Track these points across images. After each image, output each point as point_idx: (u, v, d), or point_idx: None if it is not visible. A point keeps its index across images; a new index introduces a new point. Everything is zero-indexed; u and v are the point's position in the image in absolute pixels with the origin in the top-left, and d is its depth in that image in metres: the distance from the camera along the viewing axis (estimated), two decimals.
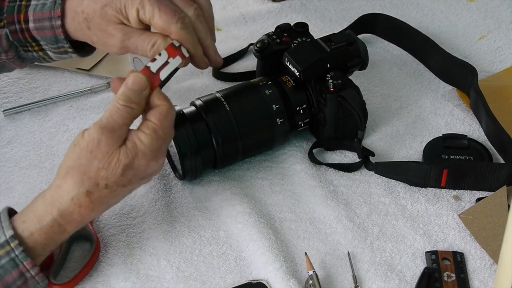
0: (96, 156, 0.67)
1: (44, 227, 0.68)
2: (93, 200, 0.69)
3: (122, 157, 0.68)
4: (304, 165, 0.86)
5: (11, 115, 0.96)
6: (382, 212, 0.81)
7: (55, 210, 0.68)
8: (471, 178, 0.82)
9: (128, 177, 0.69)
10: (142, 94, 0.69)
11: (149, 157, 0.69)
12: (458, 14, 1.11)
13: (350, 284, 0.73)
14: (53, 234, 0.69)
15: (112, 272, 0.76)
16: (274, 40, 0.90)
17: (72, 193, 0.68)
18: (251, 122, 0.83)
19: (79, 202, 0.68)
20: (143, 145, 0.68)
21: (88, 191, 0.68)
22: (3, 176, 0.87)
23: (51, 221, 0.68)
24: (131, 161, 0.68)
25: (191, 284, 0.74)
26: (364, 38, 1.05)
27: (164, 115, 0.69)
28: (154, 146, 0.69)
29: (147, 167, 0.70)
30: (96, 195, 0.68)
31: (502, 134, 0.85)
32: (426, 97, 0.96)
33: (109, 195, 0.69)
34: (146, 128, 0.69)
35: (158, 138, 0.69)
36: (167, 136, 0.71)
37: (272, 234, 0.78)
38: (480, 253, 0.76)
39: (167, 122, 0.70)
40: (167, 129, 0.70)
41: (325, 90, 0.84)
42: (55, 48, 0.82)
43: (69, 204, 0.68)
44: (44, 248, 0.69)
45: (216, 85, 1.00)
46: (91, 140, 0.67)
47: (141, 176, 0.70)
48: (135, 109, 0.69)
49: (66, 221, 0.69)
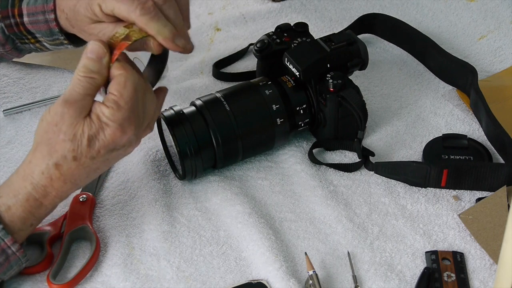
0: (61, 128, 0.68)
1: (20, 201, 0.69)
2: (63, 173, 0.69)
3: (86, 128, 0.68)
4: (304, 165, 0.86)
5: (11, 115, 0.96)
6: (382, 212, 0.81)
7: (28, 184, 0.69)
8: (471, 178, 0.82)
9: (95, 148, 0.68)
10: (101, 62, 0.69)
11: (113, 128, 0.68)
12: (458, 14, 1.11)
13: (350, 284, 0.73)
14: (30, 208, 0.70)
15: (112, 272, 0.76)
16: (274, 40, 0.90)
17: (41, 166, 0.69)
18: (251, 122, 0.83)
19: (49, 176, 0.69)
20: (105, 117, 0.68)
21: (57, 163, 0.68)
22: (3, 176, 0.87)
23: (26, 195, 0.69)
24: (95, 133, 0.68)
25: (191, 284, 0.74)
26: (364, 38, 1.05)
27: (123, 85, 0.68)
28: (116, 117, 0.68)
29: (114, 138, 0.69)
30: (65, 168, 0.69)
31: (502, 134, 0.85)
32: (426, 97, 0.96)
33: (79, 167, 0.69)
34: (107, 101, 0.68)
35: (119, 109, 0.68)
36: (132, 106, 0.69)
37: (272, 234, 0.78)
38: (480, 253, 0.76)
39: (127, 92, 0.68)
40: (129, 99, 0.68)
41: (325, 90, 0.84)
42: (51, 41, 0.82)
43: (41, 177, 0.69)
44: (23, 222, 0.70)
45: (216, 85, 1.00)
46: (55, 113, 0.68)
47: (110, 147, 0.69)
48: (96, 78, 0.68)
49: (41, 195, 0.70)
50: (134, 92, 0.69)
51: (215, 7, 1.16)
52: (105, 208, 0.83)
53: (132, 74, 0.69)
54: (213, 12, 1.15)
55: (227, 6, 1.16)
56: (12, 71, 1.03)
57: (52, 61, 1.03)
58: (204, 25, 1.12)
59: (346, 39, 0.87)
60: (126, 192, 0.85)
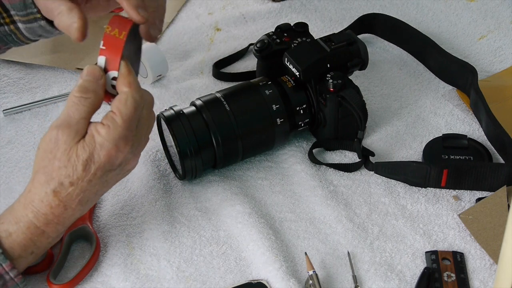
0: (55, 155, 0.67)
1: (21, 228, 0.68)
2: (62, 199, 0.68)
3: (80, 152, 0.67)
4: (304, 165, 0.86)
5: (11, 115, 0.96)
6: (382, 212, 0.81)
7: (29, 212, 0.68)
8: (471, 178, 0.82)
9: (91, 171, 0.67)
10: (97, 83, 0.68)
11: (108, 148, 0.67)
12: (458, 14, 1.11)
13: (350, 284, 0.73)
14: (31, 235, 0.69)
15: (112, 272, 0.76)
16: (274, 40, 0.90)
17: (40, 195, 0.68)
18: (251, 122, 0.83)
19: (49, 203, 0.68)
20: (101, 137, 0.67)
21: (54, 191, 0.67)
22: (3, 176, 0.87)
23: (27, 223, 0.68)
24: (90, 155, 0.67)
25: (191, 284, 0.74)
26: (364, 38, 1.05)
27: (123, 102, 0.67)
28: (112, 136, 0.67)
29: (109, 158, 0.67)
30: (63, 194, 0.68)
31: (502, 134, 0.85)
32: (426, 97, 0.96)
33: (78, 192, 0.68)
34: (105, 119, 0.67)
35: (116, 127, 0.67)
36: (129, 123, 0.67)
37: (272, 234, 0.78)
38: (480, 253, 0.76)
39: (126, 110, 0.67)
40: (127, 117, 0.67)
41: (325, 90, 0.84)
42: (24, 16, 0.79)
43: (41, 205, 0.68)
44: (24, 250, 0.69)
45: (216, 85, 1.00)
46: (49, 140, 0.67)
47: (107, 168, 0.68)
48: (91, 98, 0.67)
49: (42, 223, 0.69)
50: (134, 110, 0.68)
51: (215, 7, 1.16)
52: (105, 208, 0.83)
53: (136, 90, 0.68)
54: (213, 12, 1.15)
55: (227, 6, 1.16)
56: (12, 71, 1.03)
57: (52, 61, 1.03)
58: (204, 25, 1.12)
59: (346, 39, 0.87)
60: (126, 192, 0.85)
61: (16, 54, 1.03)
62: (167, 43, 1.10)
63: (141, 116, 0.70)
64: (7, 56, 1.03)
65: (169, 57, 1.04)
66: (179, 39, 1.10)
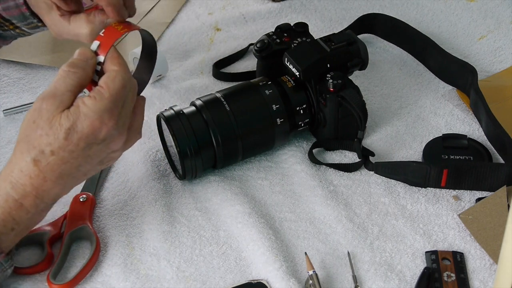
0: (38, 124, 0.66)
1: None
2: (42, 169, 0.67)
3: (63, 120, 0.66)
4: (304, 165, 0.86)
5: (11, 115, 0.96)
6: (382, 212, 0.81)
7: (7, 184, 0.67)
8: (471, 178, 0.82)
9: (73, 141, 0.66)
10: (87, 61, 0.69)
11: (92, 118, 0.66)
12: (458, 14, 1.11)
13: (350, 284, 0.73)
14: (10, 209, 0.68)
15: (112, 272, 0.76)
16: (274, 40, 0.90)
17: (20, 164, 0.67)
18: (251, 122, 0.83)
19: (28, 173, 0.67)
20: (86, 107, 0.66)
21: (35, 159, 0.66)
22: None
23: (5, 195, 0.67)
24: (73, 124, 0.66)
25: (191, 284, 0.74)
26: (364, 38, 1.05)
27: (111, 78, 0.68)
28: (97, 107, 0.66)
29: (93, 129, 0.67)
30: (43, 163, 0.67)
31: (502, 134, 0.85)
32: (426, 97, 0.96)
33: (58, 162, 0.67)
34: (92, 92, 0.68)
35: (102, 99, 0.67)
36: (115, 98, 0.67)
37: (272, 234, 0.78)
38: (480, 253, 0.76)
39: (114, 85, 0.68)
40: (114, 92, 0.67)
41: (325, 90, 0.84)
42: (27, 25, 0.82)
43: (20, 175, 0.67)
44: (3, 225, 0.68)
45: (216, 85, 1.00)
46: (34, 110, 0.67)
47: (90, 140, 0.67)
48: (79, 73, 0.68)
49: (20, 194, 0.67)
50: (122, 87, 0.68)
51: (215, 7, 1.16)
52: (105, 208, 0.83)
53: (125, 71, 0.69)
54: (213, 12, 1.15)
55: (227, 6, 1.16)
56: (12, 71, 1.03)
57: (52, 61, 1.03)
58: (204, 25, 1.12)
59: (346, 39, 0.87)
60: (126, 192, 0.85)
61: (16, 54, 1.03)
62: (167, 43, 1.10)
63: (127, 97, 0.70)
64: (7, 56, 1.03)
65: (169, 57, 1.04)
66: (179, 39, 1.10)
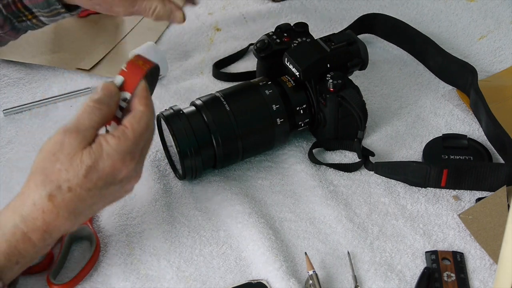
0: (58, 158, 0.65)
1: (6, 234, 0.65)
2: (56, 205, 0.65)
3: (85, 157, 0.65)
4: (304, 165, 0.86)
5: (11, 115, 0.96)
6: (382, 212, 0.81)
7: (17, 216, 0.65)
8: (471, 178, 0.82)
9: (93, 180, 0.65)
10: (112, 97, 0.68)
11: (114, 158, 0.66)
12: (458, 14, 1.11)
13: (350, 284, 0.73)
14: (16, 242, 0.65)
15: (112, 272, 0.76)
16: (274, 40, 0.90)
17: (34, 197, 0.65)
18: (251, 122, 0.83)
19: (41, 207, 0.65)
20: (109, 146, 0.65)
21: (51, 194, 0.64)
22: (3, 176, 0.87)
23: (13, 227, 0.65)
24: (95, 162, 0.65)
25: (191, 284, 0.74)
26: (364, 38, 1.05)
27: (137, 119, 0.67)
28: (120, 147, 0.66)
29: (113, 170, 0.66)
30: (59, 199, 0.65)
31: (502, 134, 0.85)
32: (426, 97, 0.96)
33: (74, 199, 0.65)
34: (116, 131, 0.67)
35: (126, 139, 0.66)
36: (138, 140, 0.67)
37: (272, 234, 0.78)
38: (480, 253, 0.76)
39: (139, 126, 0.67)
40: (138, 133, 0.67)
41: (325, 90, 0.84)
42: (48, 12, 0.83)
43: (32, 209, 0.65)
44: (8, 259, 0.65)
45: (216, 85, 1.00)
46: (54, 142, 0.65)
47: (109, 180, 0.66)
48: (104, 110, 0.67)
49: (30, 228, 0.65)
50: (146, 129, 0.68)
51: (215, 7, 1.16)
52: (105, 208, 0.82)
53: (151, 112, 0.69)
54: (213, 12, 1.15)
55: (227, 6, 1.16)
56: (12, 71, 1.03)
57: (52, 61, 1.03)
58: (204, 25, 1.12)
59: (346, 39, 0.87)
60: None
61: (16, 54, 1.03)
62: (167, 43, 1.10)
63: (148, 139, 0.70)
64: (7, 56, 1.03)
65: (169, 57, 1.04)
66: (179, 39, 1.10)
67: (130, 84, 0.69)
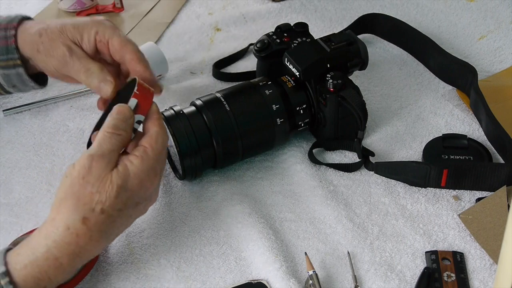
0: (89, 181, 0.66)
1: (38, 259, 0.65)
2: (90, 227, 0.66)
3: (114, 179, 0.67)
4: (304, 165, 0.87)
5: (11, 115, 0.96)
6: (382, 212, 0.81)
7: (50, 241, 0.65)
8: (471, 178, 0.82)
9: (123, 200, 0.67)
10: (127, 122, 0.70)
11: (141, 177, 0.68)
12: (458, 14, 1.12)
13: (350, 284, 0.73)
14: (48, 267, 0.65)
15: (112, 272, 0.76)
16: (274, 40, 0.90)
17: (67, 221, 0.65)
18: (251, 122, 0.83)
19: (76, 231, 0.65)
20: (134, 166, 0.68)
21: (84, 217, 0.65)
22: (3, 176, 0.87)
23: (46, 253, 0.65)
24: (124, 182, 0.67)
25: (191, 284, 0.74)
26: (364, 38, 1.05)
27: (154, 140, 0.70)
28: (144, 166, 0.68)
29: (141, 188, 0.68)
30: (92, 222, 0.66)
31: (502, 134, 0.85)
32: (426, 97, 0.97)
33: (106, 221, 0.67)
34: (137, 151, 0.69)
35: (148, 159, 0.69)
36: (158, 158, 0.70)
37: (272, 234, 0.78)
38: (480, 253, 0.76)
39: (157, 146, 0.70)
40: (158, 151, 0.70)
41: (325, 90, 0.84)
42: (4, 61, 0.81)
43: (65, 234, 0.65)
44: (37, 283, 0.65)
45: (216, 85, 1.00)
46: (82, 167, 0.66)
47: (136, 199, 0.69)
48: (122, 135, 0.69)
49: (63, 253, 0.65)
50: (163, 148, 0.71)
51: (215, 7, 1.16)
52: None
53: (165, 132, 0.72)
54: (213, 12, 1.15)
55: (227, 6, 1.16)
56: None
57: None
58: (204, 25, 1.12)
59: (346, 39, 0.87)
60: None
61: None
62: (167, 43, 1.10)
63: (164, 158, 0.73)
64: None
65: (169, 57, 1.04)
66: (179, 39, 1.10)
67: (144, 107, 0.72)
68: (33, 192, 0.85)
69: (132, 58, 0.78)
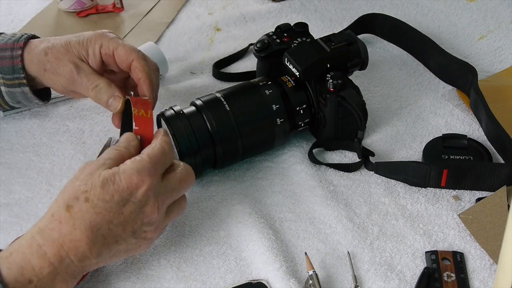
0: (78, 178, 0.67)
1: (22, 246, 0.65)
2: (73, 215, 0.65)
3: (103, 172, 0.67)
4: (304, 165, 0.87)
5: (11, 115, 0.96)
6: (382, 212, 0.81)
7: (35, 229, 0.66)
8: (471, 178, 0.82)
9: (109, 191, 0.66)
10: (130, 143, 0.71)
11: (130, 173, 0.67)
12: (458, 14, 1.12)
13: (350, 284, 0.73)
14: (31, 256, 0.64)
15: (112, 272, 0.76)
16: (274, 40, 0.90)
17: (52, 209, 0.66)
18: (251, 122, 0.83)
19: (59, 218, 0.65)
20: (125, 165, 0.68)
21: (68, 205, 0.66)
22: (3, 176, 0.87)
23: (30, 239, 0.65)
24: (112, 176, 0.67)
25: (191, 284, 0.74)
26: (364, 38, 1.05)
27: (151, 147, 0.70)
28: (136, 165, 0.67)
29: (130, 184, 0.66)
30: (76, 209, 0.65)
31: (502, 134, 0.85)
32: (426, 97, 0.97)
33: (90, 210, 0.65)
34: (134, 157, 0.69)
35: (141, 160, 0.68)
36: (155, 162, 0.69)
37: (272, 234, 0.78)
38: (480, 253, 0.76)
39: (153, 151, 0.69)
40: (153, 155, 0.69)
41: (325, 90, 0.84)
42: (10, 80, 0.83)
43: (50, 220, 0.66)
44: (20, 273, 0.63)
45: (216, 85, 1.00)
46: (78, 170, 0.69)
47: (125, 195, 0.66)
48: (122, 150, 0.70)
49: (46, 240, 0.65)
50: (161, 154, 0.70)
51: (215, 7, 1.16)
52: None
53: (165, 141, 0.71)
54: (213, 12, 1.15)
55: (227, 6, 1.16)
56: None
57: None
58: (204, 25, 1.12)
59: (346, 39, 0.87)
60: None
61: None
62: (167, 43, 1.10)
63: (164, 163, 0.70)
64: None
65: (169, 57, 1.04)
66: (179, 39, 1.10)
67: (148, 139, 0.72)
68: (33, 192, 0.85)
69: (136, 66, 0.80)
